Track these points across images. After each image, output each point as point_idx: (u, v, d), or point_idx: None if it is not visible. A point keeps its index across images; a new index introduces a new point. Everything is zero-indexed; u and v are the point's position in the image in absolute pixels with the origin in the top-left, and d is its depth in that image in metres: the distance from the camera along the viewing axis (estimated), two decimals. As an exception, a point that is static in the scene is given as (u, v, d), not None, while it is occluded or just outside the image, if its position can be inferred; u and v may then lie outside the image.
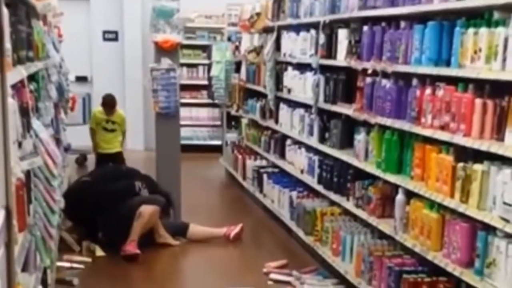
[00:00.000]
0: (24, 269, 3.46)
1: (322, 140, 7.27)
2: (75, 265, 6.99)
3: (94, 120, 10.19)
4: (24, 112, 3.71)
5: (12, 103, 3.08)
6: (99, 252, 7.39)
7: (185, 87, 12.48)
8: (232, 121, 12.44)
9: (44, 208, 4.47)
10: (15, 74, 3.42)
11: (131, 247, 7.27)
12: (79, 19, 13.76)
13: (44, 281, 4.42)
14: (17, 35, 3.77)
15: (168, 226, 7.92)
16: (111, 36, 14.40)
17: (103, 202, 7.56)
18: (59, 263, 6.60)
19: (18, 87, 3.64)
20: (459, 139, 4.52)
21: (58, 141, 6.64)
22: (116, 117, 10.14)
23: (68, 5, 11.12)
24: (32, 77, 4.89)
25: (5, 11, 3.03)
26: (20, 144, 3.41)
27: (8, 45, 3.06)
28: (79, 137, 11.34)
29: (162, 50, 8.32)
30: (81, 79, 14.02)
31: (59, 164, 5.49)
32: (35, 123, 4.29)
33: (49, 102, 5.99)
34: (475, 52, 4.41)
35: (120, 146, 10.31)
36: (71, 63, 10.10)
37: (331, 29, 7.06)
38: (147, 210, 7.49)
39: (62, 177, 7.06)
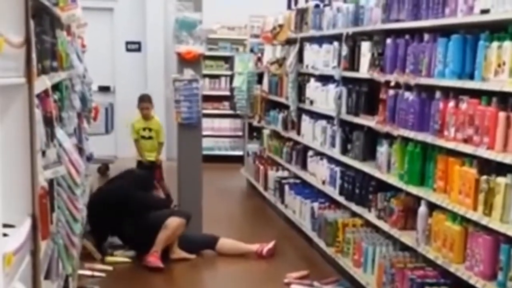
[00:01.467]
0: (47, 277, 3.47)
1: (344, 151, 7.27)
2: (96, 273, 7.01)
3: (133, 131, 10.19)
4: (48, 122, 3.73)
5: (36, 113, 3.10)
6: (122, 258, 7.45)
7: (207, 98, 12.49)
8: (254, 132, 12.45)
9: (66, 217, 4.50)
10: (40, 83, 3.45)
11: (154, 259, 7.29)
12: (102, 29, 13.83)
13: (66, 290, 4.44)
14: (42, 45, 3.80)
15: (197, 238, 7.94)
16: (134, 46, 14.46)
17: (133, 206, 7.64)
18: (80, 271, 6.62)
19: (42, 97, 3.66)
20: (483, 152, 4.51)
21: (81, 150, 6.67)
22: (152, 124, 10.14)
23: (92, 15, 11.19)
24: (56, 87, 4.92)
25: (31, 22, 3.06)
26: (44, 153, 3.44)
27: (33, 55, 3.08)
28: (101, 146, 11.38)
29: (185, 61, 8.34)
30: (104, 89, 14.09)
31: (82, 173, 5.52)
32: (59, 133, 4.31)
33: (72, 111, 6.02)
34: (499, 65, 4.40)
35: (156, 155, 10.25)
36: (94, 73, 10.14)
37: (354, 41, 7.06)
38: (173, 222, 7.50)
39: (85, 186, 7.10)
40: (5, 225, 2.40)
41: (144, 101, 10.10)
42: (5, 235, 2.36)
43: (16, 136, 2.85)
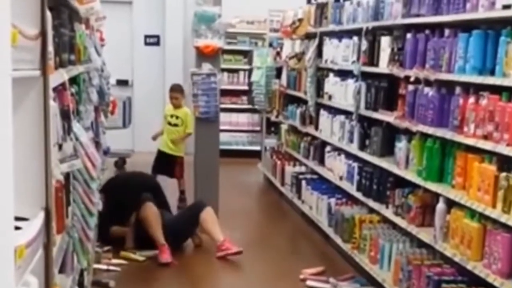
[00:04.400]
0: (61, 270, 3.46)
1: (362, 147, 7.23)
2: (111, 267, 7.02)
3: (164, 116, 10.18)
4: (65, 115, 3.71)
5: (53, 106, 3.08)
6: (137, 256, 7.43)
7: (225, 92, 12.48)
8: (272, 127, 12.43)
9: (82, 210, 4.48)
10: (57, 77, 3.43)
11: (165, 255, 7.31)
12: (121, 23, 13.84)
13: (80, 283, 4.44)
14: (60, 38, 3.78)
15: (181, 217, 8.08)
16: (152, 40, 14.47)
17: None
18: (95, 265, 6.61)
19: (59, 90, 3.65)
20: (502, 149, 4.46)
21: (97, 144, 6.66)
22: (179, 112, 10.07)
23: (111, 9, 11.19)
24: (73, 80, 4.91)
25: (49, 14, 3.04)
26: (60, 147, 3.42)
27: (50, 48, 3.06)
28: (118, 140, 11.39)
29: (203, 55, 8.33)
30: (122, 83, 14.10)
31: (98, 167, 5.50)
32: (76, 126, 4.30)
33: (89, 105, 6.00)
34: (520, 61, 4.36)
35: (180, 149, 10.05)
36: (113, 67, 10.12)
37: (373, 36, 7.02)
38: (143, 212, 7.58)
39: (101, 180, 7.08)
40: (18, 218, 2.38)
41: (174, 91, 10.07)
42: (18, 228, 2.34)
43: (30, 128, 2.83)
